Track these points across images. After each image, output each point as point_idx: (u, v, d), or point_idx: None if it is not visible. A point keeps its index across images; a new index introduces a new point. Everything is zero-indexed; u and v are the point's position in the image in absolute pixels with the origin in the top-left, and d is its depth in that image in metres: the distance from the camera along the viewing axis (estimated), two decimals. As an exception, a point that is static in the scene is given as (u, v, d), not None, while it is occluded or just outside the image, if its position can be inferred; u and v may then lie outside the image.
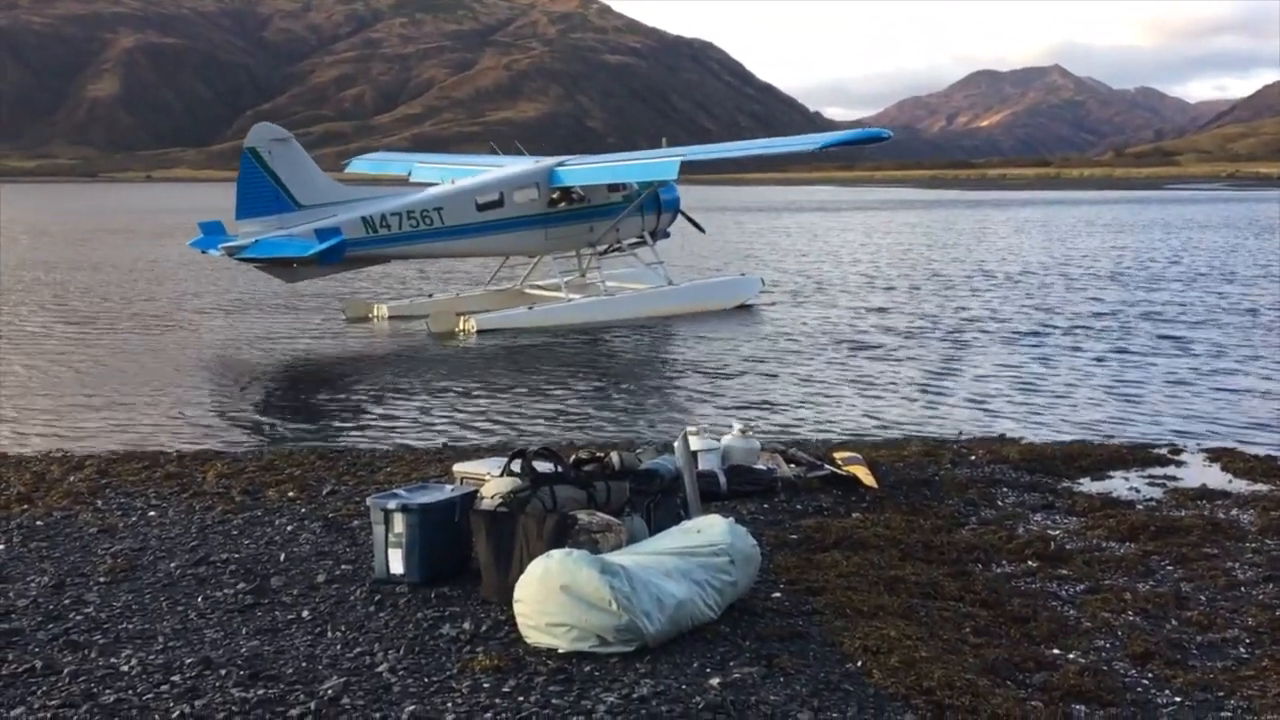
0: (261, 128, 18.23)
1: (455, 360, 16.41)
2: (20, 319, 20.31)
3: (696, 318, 20.03)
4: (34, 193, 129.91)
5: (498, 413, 12.39)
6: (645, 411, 12.63)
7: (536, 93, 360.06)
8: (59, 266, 31.37)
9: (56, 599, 5.73)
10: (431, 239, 19.18)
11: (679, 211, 22.62)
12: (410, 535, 5.84)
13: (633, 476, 6.31)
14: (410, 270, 28.69)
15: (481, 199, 19.78)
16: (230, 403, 13.33)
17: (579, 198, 20.87)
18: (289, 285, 20.82)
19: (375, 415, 12.36)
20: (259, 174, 17.69)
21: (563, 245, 21.30)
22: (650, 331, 18.87)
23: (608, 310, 20.07)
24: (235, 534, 6.99)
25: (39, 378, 14.62)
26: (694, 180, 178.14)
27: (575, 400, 13.19)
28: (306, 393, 14.07)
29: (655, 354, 17.19)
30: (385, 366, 16.06)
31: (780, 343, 17.30)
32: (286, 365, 16.18)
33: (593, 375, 15.07)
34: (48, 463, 9.42)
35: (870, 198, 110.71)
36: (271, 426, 11.98)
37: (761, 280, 23.28)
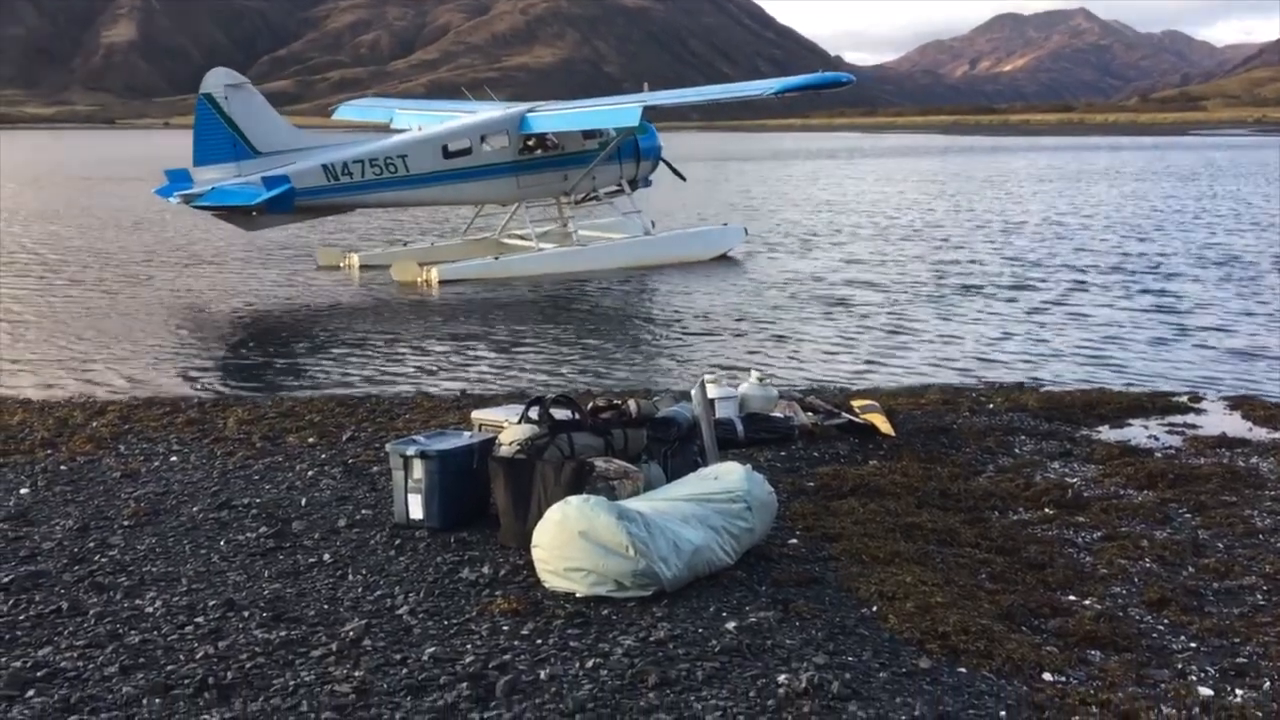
0: (216, 73, 17.89)
1: (455, 309, 16.21)
2: (12, 272, 20.05)
3: (681, 268, 19.61)
4: (51, 140, 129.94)
5: (507, 362, 12.39)
6: (653, 360, 12.57)
7: (553, 37, 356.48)
8: (59, 216, 31.37)
9: (81, 542, 5.81)
10: (396, 187, 18.73)
11: (660, 159, 21.99)
12: (429, 481, 5.88)
13: (650, 424, 6.33)
14: (401, 218, 28.35)
15: (449, 146, 19.34)
16: (226, 353, 13.36)
17: (553, 145, 20.37)
18: (258, 234, 20.34)
19: (380, 362, 12.37)
20: (215, 120, 17.43)
21: (536, 194, 20.65)
22: (636, 282, 18.53)
23: (579, 260, 19.55)
24: (256, 479, 7.06)
25: (33, 329, 14.47)
26: (710, 128, 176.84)
27: (585, 349, 13.17)
28: (299, 342, 13.93)
29: (651, 304, 16.94)
30: (381, 315, 15.86)
31: (787, 291, 17.07)
32: (268, 315, 15.97)
33: (592, 325, 14.95)
34: (70, 408, 9.50)
35: (887, 144, 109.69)
36: (277, 374, 12.02)
37: (745, 230, 22.32)
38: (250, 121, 17.68)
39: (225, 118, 17.44)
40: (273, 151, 17.78)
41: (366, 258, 20.22)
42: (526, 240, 20.25)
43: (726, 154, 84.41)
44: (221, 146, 17.44)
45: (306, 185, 17.73)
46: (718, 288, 17.58)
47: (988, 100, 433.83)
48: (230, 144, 17.46)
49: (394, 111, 23.48)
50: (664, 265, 19.70)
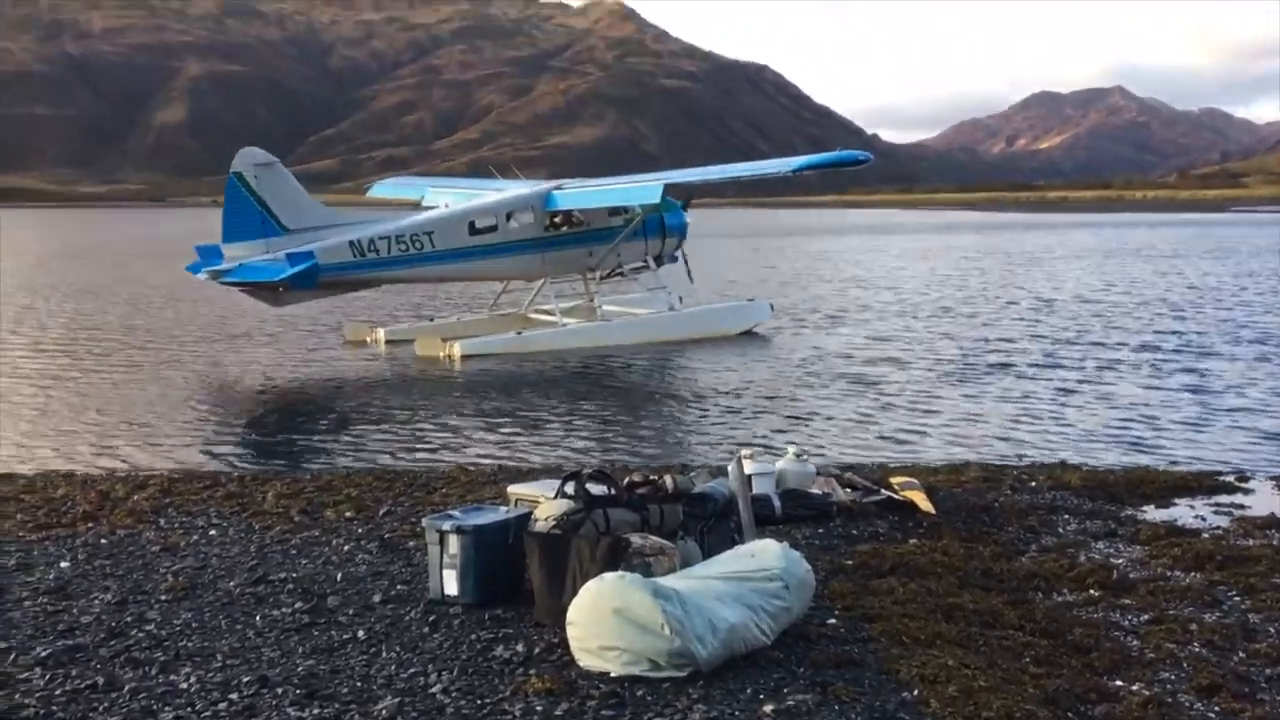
0: (246, 152, 18.22)
1: (480, 384, 16.29)
2: (51, 345, 20.38)
3: (706, 344, 19.55)
4: (100, 218, 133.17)
5: (537, 437, 12.35)
6: (677, 436, 12.53)
7: (593, 117, 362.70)
8: (97, 291, 32.00)
9: (119, 616, 5.83)
10: (422, 263, 18.94)
11: (685, 236, 22.06)
12: (465, 556, 5.86)
13: (686, 500, 6.30)
14: (429, 294, 28.53)
15: (475, 223, 19.61)
16: (258, 427, 13.47)
17: (579, 221, 20.58)
18: (288, 309, 20.56)
19: (412, 436, 12.40)
20: (245, 199, 17.77)
21: (561, 269, 20.84)
22: (661, 357, 18.51)
23: (602, 336, 19.63)
24: (293, 553, 7.08)
25: (69, 403, 14.69)
26: (745, 204, 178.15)
27: (610, 425, 13.12)
28: (329, 416, 13.99)
29: (675, 380, 16.93)
30: (408, 390, 15.96)
31: (813, 368, 16.82)
32: (299, 390, 16.13)
33: (617, 401, 14.93)
34: (113, 482, 9.60)
35: (922, 220, 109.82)
36: (308, 449, 12.09)
37: (771, 305, 22.26)
38: (279, 199, 18.02)
39: (255, 196, 17.78)
40: (301, 229, 18.08)
41: (393, 333, 20.41)
42: (550, 315, 20.36)
43: (758, 229, 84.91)
44: (250, 224, 17.76)
45: (333, 261, 17.98)
46: (742, 364, 17.52)
47: (1025, 177, 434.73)
48: (259, 221, 17.78)
49: (426, 189, 23.80)
50: (689, 341, 19.72)
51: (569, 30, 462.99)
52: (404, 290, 27.62)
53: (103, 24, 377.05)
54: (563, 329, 19.63)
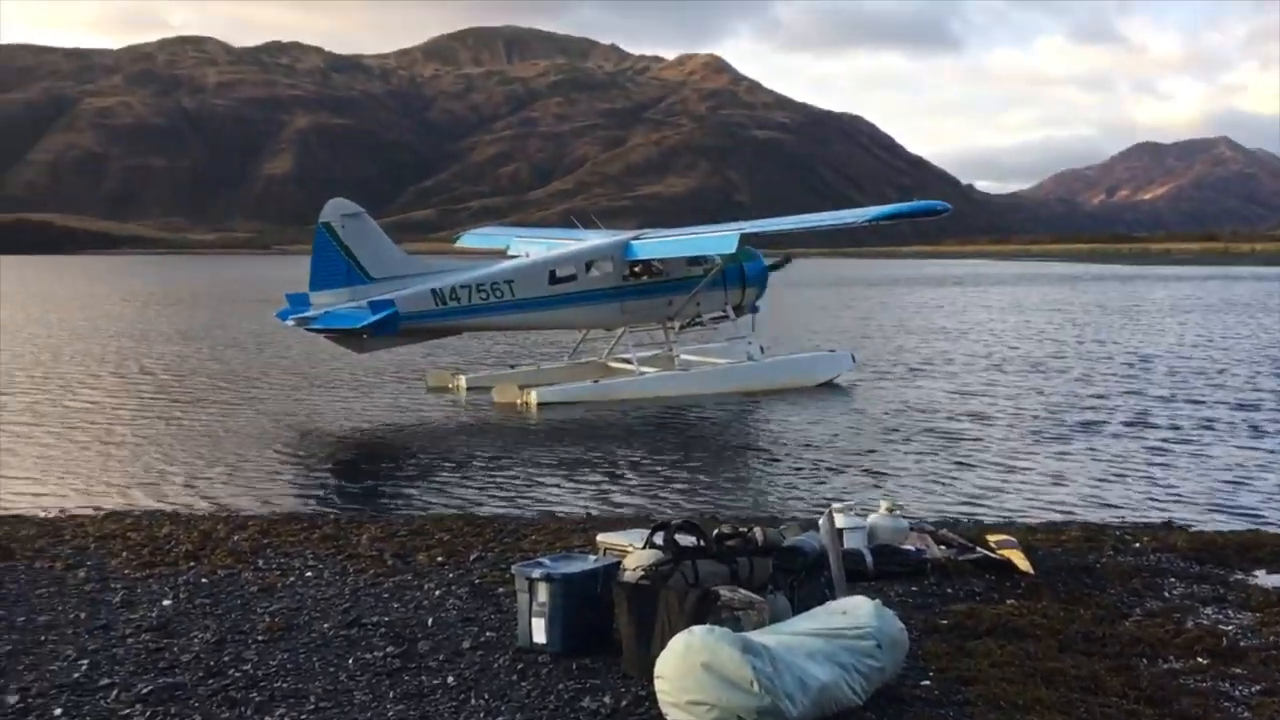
0: (334, 203, 18.70)
1: (561, 432, 16.32)
2: (147, 388, 20.98)
3: (785, 394, 19.30)
4: (207, 264, 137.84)
5: (617, 486, 12.33)
6: (753, 488, 12.35)
7: (685, 168, 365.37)
8: (193, 336, 33.06)
9: (217, 655, 5.95)
10: (502, 311, 19.17)
11: (765, 286, 21.98)
12: (553, 605, 5.87)
13: (777, 553, 6.23)
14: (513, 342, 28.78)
15: (555, 272, 19.82)
16: (344, 471, 13.68)
17: (658, 271, 20.63)
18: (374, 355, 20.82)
19: (497, 483, 12.46)
20: (332, 248, 18.23)
21: (640, 318, 20.94)
22: (738, 408, 18.35)
23: (680, 385, 19.58)
24: (386, 597, 7.16)
25: (163, 443, 15.11)
26: (835, 254, 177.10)
27: (688, 475, 12.99)
28: (411, 461, 14.13)
29: (752, 431, 16.74)
30: (492, 437, 16.04)
31: (894, 422, 16.39)
32: (385, 434, 16.32)
33: (694, 451, 14.77)
34: (214, 521, 9.85)
35: (1017, 271, 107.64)
36: (393, 494, 12.18)
37: (853, 356, 21.81)
38: (364, 248, 18.44)
39: (341, 245, 18.25)
40: (385, 277, 18.47)
41: (474, 380, 20.64)
42: (628, 364, 20.46)
43: (847, 279, 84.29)
44: (336, 272, 18.22)
45: (414, 309, 18.31)
46: (822, 416, 17.22)
47: (1125, 229, 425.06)
48: (345, 270, 18.22)
49: (511, 239, 24.15)
50: (768, 391, 19.53)
51: (663, 83, 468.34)
52: (488, 338, 27.98)
53: (216, 79, 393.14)
54: (640, 378, 19.69)
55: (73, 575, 7.79)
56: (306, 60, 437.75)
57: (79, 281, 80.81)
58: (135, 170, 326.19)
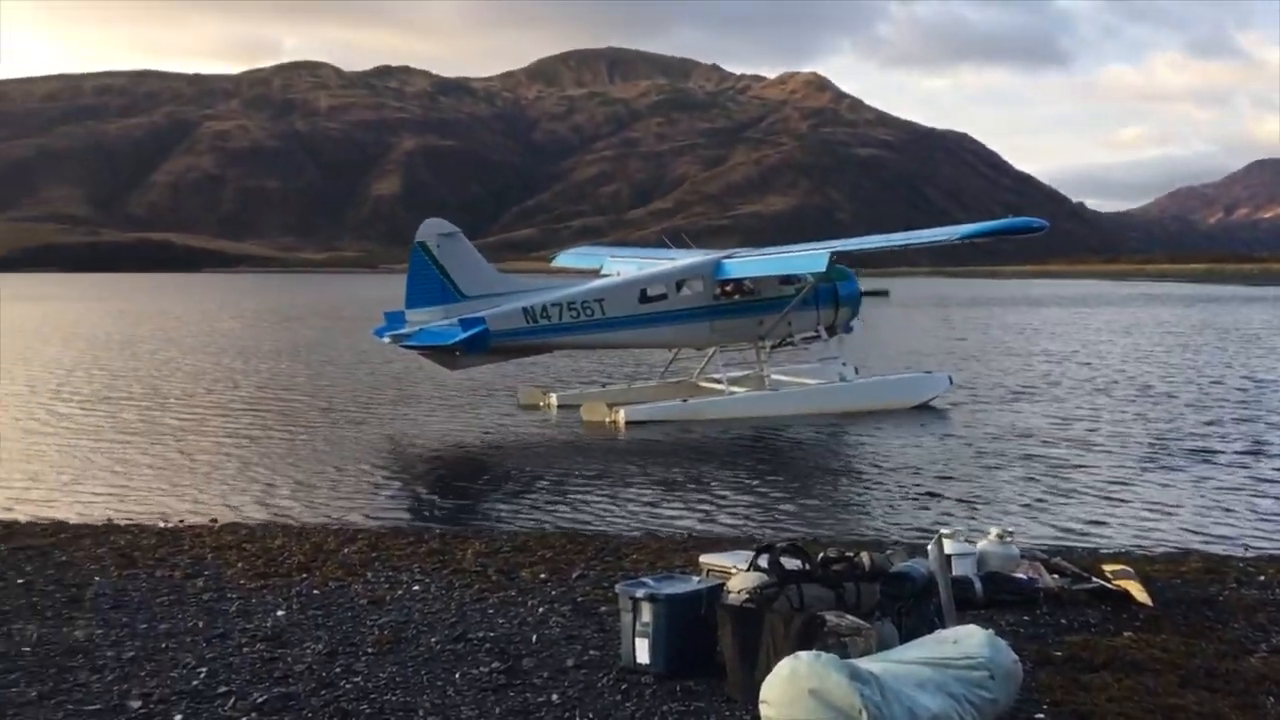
0: (430, 223, 19.04)
1: (657, 451, 16.30)
2: (245, 403, 21.52)
3: (878, 416, 18.90)
4: (317, 283, 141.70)
5: (708, 506, 12.24)
6: (860, 513, 12.14)
7: (786, 186, 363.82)
8: (295, 353, 33.85)
9: (329, 666, 6.08)
10: (592, 330, 19.27)
11: (859, 307, 21.70)
12: (657, 625, 5.86)
13: (884, 579, 6.12)
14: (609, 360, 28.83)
15: (646, 291, 19.86)
16: (446, 485, 13.87)
17: (749, 290, 20.53)
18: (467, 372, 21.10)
19: (592, 500, 12.52)
20: (428, 267, 18.58)
21: (730, 338, 20.81)
22: (830, 429, 18.05)
23: (770, 405, 19.40)
24: (491, 612, 7.24)
25: (262, 457, 15.49)
26: (940, 274, 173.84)
27: (786, 497, 12.87)
28: (505, 478, 14.26)
29: (842, 453, 16.49)
30: (586, 455, 16.12)
31: (991, 446, 15.95)
32: (479, 451, 16.50)
33: (783, 472, 14.64)
34: (325, 534, 10.09)
35: (1128, 292, 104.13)
36: (491, 510, 12.30)
37: (950, 378, 21.32)
38: (459, 267, 18.78)
39: (436, 264, 18.62)
40: (479, 295, 18.78)
41: (564, 397, 20.80)
42: (718, 384, 20.39)
43: (950, 299, 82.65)
44: (432, 290, 18.58)
45: (505, 327, 18.53)
46: (916, 439, 16.87)
47: (1244, 249, 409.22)
48: (440, 288, 18.58)
49: (605, 258, 24.30)
50: (860, 413, 19.21)
51: (763, 101, 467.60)
52: (580, 356, 28.11)
53: (328, 103, 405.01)
54: (729, 397, 19.62)
55: (191, 584, 8.05)
56: (414, 84, 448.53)
57: (193, 298, 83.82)
58: (250, 191, 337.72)
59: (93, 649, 6.38)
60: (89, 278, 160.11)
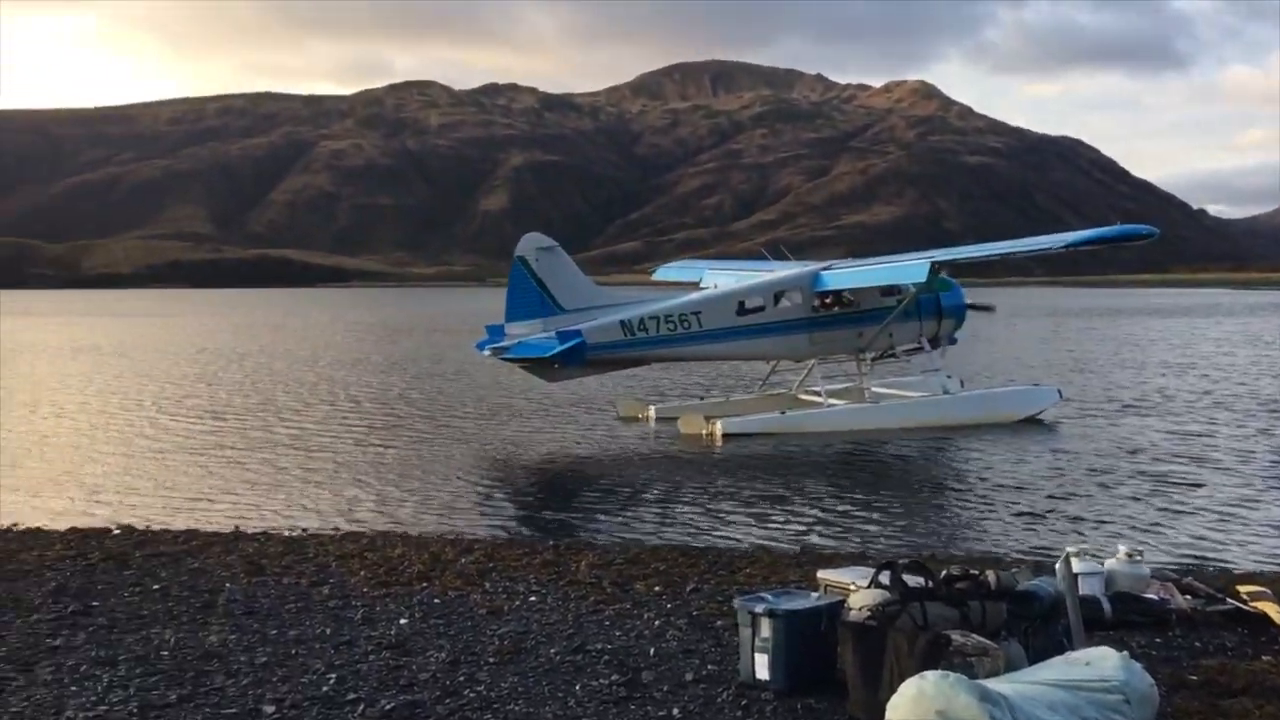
0: (530, 238, 19.28)
1: (758, 464, 16.19)
2: (348, 415, 22.04)
3: (983, 430, 18.41)
4: (427, 296, 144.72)
5: (827, 520, 12.15)
6: (965, 529, 11.83)
7: (892, 196, 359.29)
8: (396, 366, 34.47)
9: (452, 675, 6.19)
10: (690, 342, 19.29)
11: (963, 318, 21.26)
12: (777, 641, 5.83)
13: (1010, 597, 5.99)
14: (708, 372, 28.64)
15: (744, 303, 19.77)
16: (550, 497, 14.03)
17: (849, 302, 20.27)
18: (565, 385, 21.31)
19: (696, 512, 12.51)
20: (527, 280, 18.78)
21: (829, 350, 20.63)
22: (932, 443, 17.67)
23: (870, 418, 19.14)
24: (607, 625, 7.29)
25: (364, 466, 15.87)
26: (1055, 283, 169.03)
27: (890, 513, 12.65)
28: (617, 490, 14.34)
29: (944, 468, 16.18)
30: (686, 467, 16.11)
31: (1100, 463, 15.40)
32: (582, 463, 16.65)
33: (884, 487, 14.38)
34: (442, 544, 10.29)
35: (1255, 301, 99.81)
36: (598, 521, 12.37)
37: (1059, 391, 20.89)
38: (557, 281, 18.99)
39: (535, 278, 18.84)
40: (577, 308, 18.95)
41: (663, 410, 20.83)
42: (816, 396, 20.18)
43: (1063, 309, 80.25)
44: (531, 304, 18.82)
45: (602, 340, 18.66)
46: (1022, 454, 16.37)
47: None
48: (539, 301, 18.81)
49: (704, 271, 24.30)
50: (964, 427, 18.75)
51: (869, 110, 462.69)
52: (679, 369, 28.03)
53: (439, 121, 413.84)
54: (828, 410, 19.44)
55: (317, 591, 8.28)
56: (521, 100, 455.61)
57: (308, 313, 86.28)
58: (364, 208, 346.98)
59: (227, 654, 6.61)
60: (211, 293, 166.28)
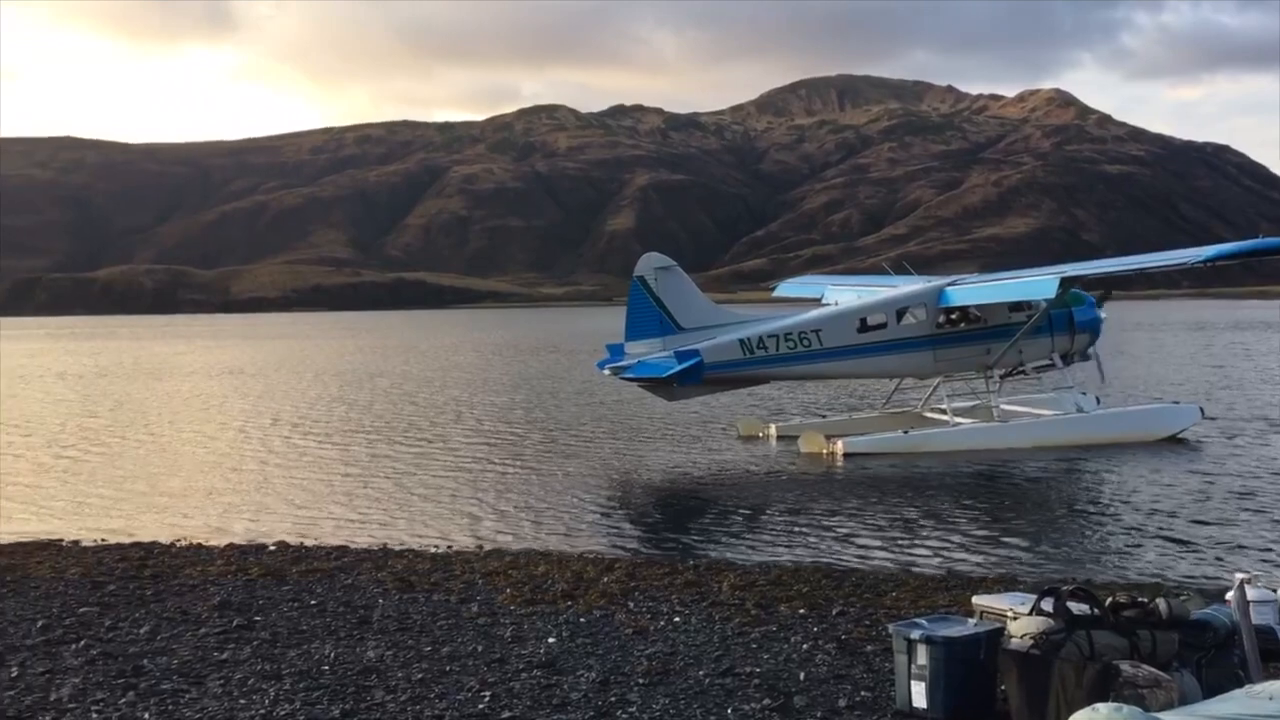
0: (648, 257, 19.31)
1: (885, 483, 15.88)
2: (494, 431, 22.36)
3: (1119, 450, 17.63)
4: (555, 316, 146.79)
5: (965, 543, 11.81)
6: (1104, 554, 11.32)
7: (1027, 207, 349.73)
8: (518, 384, 34.85)
9: (604, 695, 6.23)
10: (810, 360, 19.02)
11: (1098, 333, 20.42)
12: (934, 668, 5.70)
13: (1183, 627, 5.72)
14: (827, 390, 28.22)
15: (866, 320, 19.41)
16: (677, 515, 13.98)
17: (975, 318, 19.72)
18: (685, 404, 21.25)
19: (828, 533, 12.32)
20: (645, 300, 18.79)
21: (954, 367, 20.08)
22: (1066, 463, 16.95)
23: (998, 437, 18.52)
24: (754, 647, 7.23)
25: (526, 484, 16.08)
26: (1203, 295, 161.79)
27: (1016, 534, 12.21)
28: (738, 508, 14.27)
29: (1081, 490, 15.56)
30: (812, 486, 15.88)
31: (1249, 486, 14.65)
32: (705, 481, 16.55)
33: (1020, 509, 13.88)
34: (584, 563, 10.39)
35: None
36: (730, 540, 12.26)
37: (1201, 410, 19.95)
38: (676, 300, 19.00)
39: (654, 297, 18.88)
40: (695, 327, 18.90)
41: (784, 428, 20.61)
42: (942, 414, 19.69)
43: (1206, 322, 76.57)
44: (650, 323, 18.86)
45: (721, 359, 18.54)
46: (1161, 475, 15.66)
47: None
48: (658, 321, 18.85)
49: (825, 287, 23.95)
50: (1100, 446, 18.02)
51: (1002, 121, 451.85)
52: (802, 387, 27.69)
53: (567, 143, 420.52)
54: (955, 429, 18.94)
55: (466, 609, 8.44)
56: (647, 121, 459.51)
57: (439, 333, 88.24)
58: (495, 230, 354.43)
59: (384, 669, 6.78)
60: (350, 315, 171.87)
